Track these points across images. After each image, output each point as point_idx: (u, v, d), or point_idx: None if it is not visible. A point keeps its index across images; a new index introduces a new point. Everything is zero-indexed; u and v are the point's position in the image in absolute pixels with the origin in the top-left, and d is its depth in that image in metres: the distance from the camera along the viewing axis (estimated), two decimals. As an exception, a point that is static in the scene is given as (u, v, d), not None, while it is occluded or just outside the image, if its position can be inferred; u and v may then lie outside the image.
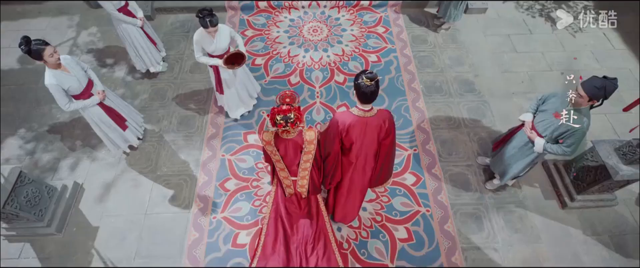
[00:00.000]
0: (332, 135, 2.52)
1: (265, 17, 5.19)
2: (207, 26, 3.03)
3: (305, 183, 2.82)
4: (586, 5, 5.48)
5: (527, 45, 4.96)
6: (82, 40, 5.02)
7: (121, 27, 3.90)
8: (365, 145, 2.54)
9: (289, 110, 2.29)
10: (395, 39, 4.97)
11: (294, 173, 2.76)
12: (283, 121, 2.28)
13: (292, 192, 2.95)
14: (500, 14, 5.35)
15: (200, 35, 3.21)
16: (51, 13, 5.37)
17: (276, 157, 2.62)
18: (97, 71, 4.63)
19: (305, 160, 2.62)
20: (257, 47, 4.86)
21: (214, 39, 3.23)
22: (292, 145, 2.52)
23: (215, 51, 3.30)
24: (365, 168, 2.70)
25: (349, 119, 2.40)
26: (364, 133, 2.45)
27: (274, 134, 2.51)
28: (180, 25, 5.18)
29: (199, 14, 3.00)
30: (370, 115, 2.38)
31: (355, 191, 2.90)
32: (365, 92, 2.21)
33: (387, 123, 2.45)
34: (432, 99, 4.34)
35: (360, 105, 2.35)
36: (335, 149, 2.58)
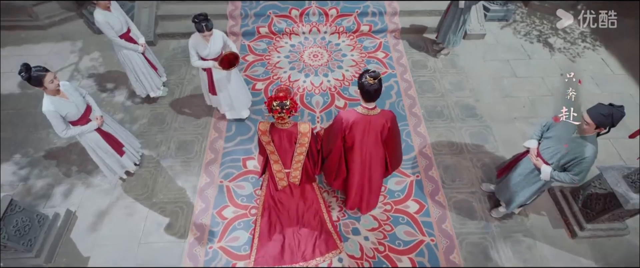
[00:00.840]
0: (335, 131, 2.60)
1: (266, 43, 5.25)
2: (203, 30, 3.18)
3: (298, 174, 2.94)
4: (583, 31, 5.55)
5: (527, 70, 4.98)
6: (83, 65, 5.05)
7: (122, 53, 3.92)
8: (369, 145, 2.61)
9: (285, 97, 2.43)
10: (395, 64, 5.00)
11: (288, 165, 2.86)
12: (279, 107, 2.41)
13: (286, 184, 3.03)
14: (498, 39, 5.42)
15: (195, 39, 3.37)
16: (55, 39, 5.44)
17: (271, 148, 2.72)
18: (97, 96, 4.62)
19: (299, 153, 2.73)
20: (257, 72, 4.88)
21: (208, 43, 3.40)
22: (287, 135, 2.63)
23: (209, 55, 3.46)
24: (371, 168, 2.78)
25: (353, 117, 2.50)
26: (366, 131, 2.53)
27: (270, 124, 2.63)
28: (181, 50, 5.22)
29: (195, 19, 3.14)
30: (374, 113, 2.49)
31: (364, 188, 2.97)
32: (369, 90, 2.32)
33: (389, 122, 2.54)
34: (434, 124, 4.30)
35: (364, 104, 2.47)
36: (338, 145, 2.65)
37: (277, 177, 2.96)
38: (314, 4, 5.37)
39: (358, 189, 3.01)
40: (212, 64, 3.48)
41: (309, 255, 3.02)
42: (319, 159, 2.93)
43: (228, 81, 3.72)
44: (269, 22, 5.29)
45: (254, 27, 5.26)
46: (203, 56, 3.48)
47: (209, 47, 3.42)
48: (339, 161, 2.77)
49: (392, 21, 5.34)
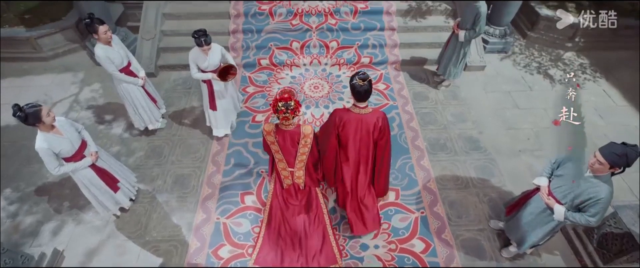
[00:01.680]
0: (330, 128, 2.73)
1: (266, 74, 5.26)
2: (202, 45, 3.41)
3: (302, 174, 3.05)
4: (582, 63, 5.58)
5: (529, 102, 4.95)
6: (83, 97, 5.02)
7: (122, 86, 3.89)
8: (361, 143, 2.74)
9: (289, 98, 2.55)
10: (397, 95, 4.98)
11: (291, 165, 2.96)
12: (284, 107, 2.53)
13: (290, 182, 3.12)
14: (498, 71, 5.43)
15: (195, 53, 3.58)
16: (57, 70, 5.46)
17: (275, 148, 2.83)
18: (94, 128, 4.56)
19: (301, 153, 2.84)
20: (257, 104, 4.84)
21: (207, 56, 3.59)
22: (290, 136, 2.75)
23: (208, 67, 3.65)
24: (364, 167, 2.89)
25: (346, 115, 2.66)
26: (359, 129, 2.67)
27: (274, 125, 2.76)
28: (182, 81, 5.22)
29: (194, 34, 3.37)
30: (365, 112, 2.65)
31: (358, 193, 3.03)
32: (360, 91, 2.51)
33: (381, 121, 2.69)
34: (437, 157, 4.20)
35: (357, 103, 2.64)
36: (332, 143, 2.77)
37: (282, 175, 3.07)
38: (315, 36, 5.43)
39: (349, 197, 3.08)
40: (211, 75, 3.66)
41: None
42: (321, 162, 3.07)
43: (227, 91, 3.96)
44: (270, 54, 5.33)
45: (255, 59, 5.29)
46: (202, 68, 3.68)
47: (207, 60, 3.61)
48: (335, 160, 2.89)
49: (393, 53, 5.37)
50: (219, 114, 4.05)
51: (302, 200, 3.23)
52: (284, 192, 3.21)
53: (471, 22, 4.24)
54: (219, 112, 4.02)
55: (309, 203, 3.23)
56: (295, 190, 3.19)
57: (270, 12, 5.49)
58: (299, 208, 3.22)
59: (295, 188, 3.17)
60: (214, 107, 3.98)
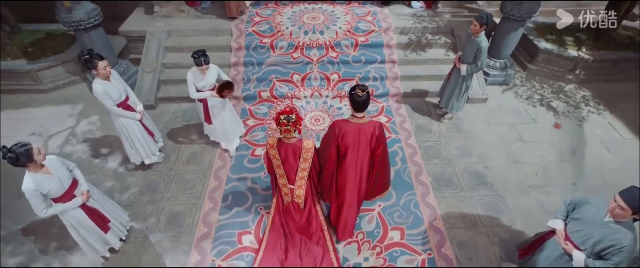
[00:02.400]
0: (330, 139, 2.85)
1: (267, 107, 5.20)
2: (202, 64, 3.61)
3: (302, 193, 3.08)
4: (584, 95, 5.56)
5: (533, 134, 4.86)
6: (80, 129, 4.94)
7: (119, 121, 3.81)
8: (360, 152, 2.86)
9: (291, 111, 2.65)
10: (399, 128, 4.90)
11: (292, 181, 3.00)
12: (286, 120, 2.62)
13: (290, 200, 3.16)
14: (500, 103, 5.39)
15: (193, 73, 3.76)
16: (55, 102, 5.41)
17: (277, 162, 2.89)
18: (89, 161, 4.43)
19: (302, 169, 2.90)
20: (257, 137, 4.75)
21: (204, 76, 3.78)
22: (292, 149, 2.81)
23: (205, 86, 3.82)
24: (361, 178, 3.00)
25: (345, 125, 2.80)
26: (358, 139, 2.80)
27: (277, 139, 2.83)
28: (181, 113, 5.16)
29: (194, 54, 3.58)
30: (363, 122, 2.80)
31: (352, 201, 3.12)
32: (358, 101, 2.67)
33: (377, 130, 2.83)
34: (443, 193, 4.05)
35: (355, 113, 2.78)
36: (332, 154, 2.88)
37: (283, 192, 3.13)
38: (316, 69, 5.44)
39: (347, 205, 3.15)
40: (209, 93, 3.83)
41: None
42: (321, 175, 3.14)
43: (223, 108, 4.09)
44: (271, 86, 5.31)
45: (256, 92, 5.26)
46: (199, 88, 3.82)
47: (205, 80, 3.79)
48: (334, 171, 3.00)
49: (394, 85, 5.36)
50: (217, 127, 4.19)
51: (303, 218, 3.28)
52: (285, 209, 3.27)
53: (472, 56, 4.24)
54: (216, 124, 4.17)
55: (309, 221, 3.30)
56: (294, 209, 3.23)
57: (271, 45, 5.53)
58: (299, 226, 3.30)
59: (294, 207, 3.21)
60: (209, 121, 4.16)
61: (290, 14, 6.11)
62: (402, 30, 5.75)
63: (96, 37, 5.02)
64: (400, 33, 5.76)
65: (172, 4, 5.82)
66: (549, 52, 5.65)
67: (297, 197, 3.10)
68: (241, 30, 5.68)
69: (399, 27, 5.74)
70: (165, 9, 5.86)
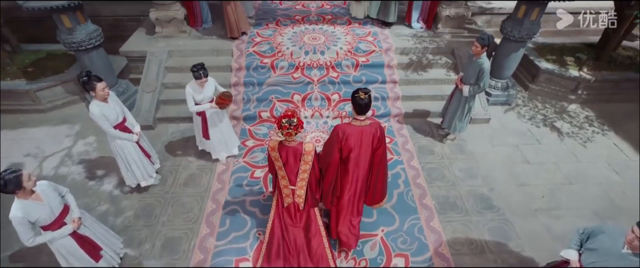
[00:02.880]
0: (333, 142, 2.92)
1: (267, 127, 5.13)
2: (201, 77, 3.69)
3: (303, 193, 3.12)
4: (588, 115, 5.50)
5: (538, 156, 4.76)
6: (76, 150, 4.85)
7: (115, 143, 3.73)
8: (361, 153, 2.95)
9: (292, 115, 2.72)
10: (401, 149, 4.81)
11: (293, 183, 3.05)
12: (287, 123, 2.68)
13: (291, 201, 3.19)
14: (503, 123, 5.32)
15: (192, 86, 3.82)
16: (53, 122, 5.35)
17: (278, 164, 2.96)
18: (84, 184, 4.33)
19: (303, 170, 2.96)
20: (257, 158, 4.65)
21: (203, 89, 3.84)
22: (293, 152, 2.88)
23: (203, 99, 3.88)
24: (361, 179, 3.09)
25: (348, 128, 2.90)
26: (360, 141, 2.89)
27: (278, 142, 2.89)
28: (180, 134, 5.08)
29: (193, 68, 3.65)
30: (365, 124, 2.89)
31: (352, 207, 3.22)
32: (361, 104, 2.76)
33: (378, 131, 2.94)
34: (448, 218, 3.92)
35: (357, 116, 2.87)
36: (335, 157, 2.94)
37: (283, 193, 3.16)
38: (316, 89, 5.40)
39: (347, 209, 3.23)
40: (208, 106, 3.90)
41: None
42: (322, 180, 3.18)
43: (220, 120, 4.17)
44: (271, 106, 5.26)
45: (256, 112, 5.21)
46: (197, 101, 3.88)
47: (203, 92, 3.86)
48: (335, 176, 3.05)
49: (395, 106, 5.31)
50: (214, 142, 4.24)
51: (301, 222, 3.30)
52: (285, 211, 3.28)
53: (475, 77, 4.20)
54: (213, 140, 4.21)
55: (308, 224, 3.31)
56: (294, 210, 3.26)
57: (271, 65, 5.52)
58: (298, 229, 3.30)
59: (295, 208, 3.25)
60: (207, 136, 4.19)
61: (291, 34, 6.14)
62: (402, 51, 5.75)
63: (96, 58, 5.00)
64: (401, 53, 5.76)
65: (173, 24, 5.84)
66: (550, 72, 5.63)
67: (298, 197, 3.15)
68: (242, 50, 5.68)
69: (400, 47, 5.74)
70: (166, 30, 5.89)
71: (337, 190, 3.14)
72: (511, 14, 5.09)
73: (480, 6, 7.12)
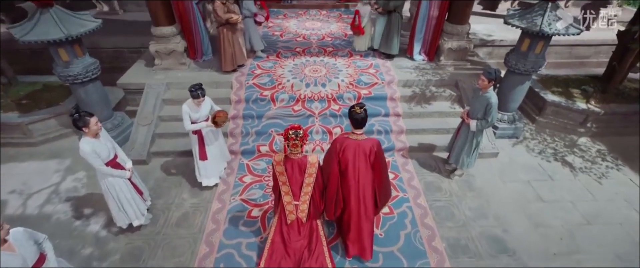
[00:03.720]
0: (332, 154, 3.05)
1: (266, 162, 4.92)
2: (199, 97, 3.77)
3: (306, 208, 3.16)
4: (600, 149, 5.30)
5: (552, 193, 4.51)
6: (64, 186, 4.60)
7: (106, 181, 3.50)
8: (359, 167, 3.03)
9: (299, 127, 2.86)
10: (407, 186, 4.56)
11: (297, 197, 3.11)
12: (294, 135, 2.80)
13: (294, 217, 3.23)
14: (512, 157, 5.11)
15: (189, 105, 3.87)
16: (43, 156, 5.14)
17: (283, 179, 3.02)
18: (69, 224, 4.05)
19: (307, 184, 3.02)
20: (254, 196, 4.40)
21: (199, 108, 3.90)
22: (298, 165, 2.96)
23: (199, 118, 3.94)
24: (364, 191, 3.15)
25: (345, 141, 3.03)
26: (357, 154, 2.99)
27: (284, 156, 2.99)
28: (175, 169, 4.86)
29: (191, 88, 3.73)
30: (361, 138, 3.03)
31: (359, 211, 3.22)
32: (357, 118, 2.93)
33: (375, 147, 3.04)
34: (460, 262, 3.61)
35: (354, 130, 3.03)
36: (335, 169, 3.05)
37: (287, 210, 3.17)
38: (317, 122, 5.24)
39: (356, 219, 3.26)
40: (205, 124, 3.95)
41: None
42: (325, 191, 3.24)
43: (215, 139, 4.22)
44: (270, 140, 5.08)
45: (254, 146, 5.01)
46: (193, 120, 3.92)
47: (200, 111, 3.91)
48: (337, 186, 3.14)
49: (399, 140, 5.12)
50: (209, 163, 4.23)
51: (304, 235, 3.31)
52: (287, 228, 3.28)
53: (482, 111, 4.05)
54: (210, 160, 4.21)
55: (310, 236, 3.33)
56: (298, 225, 3.27)
57: (272, 98, 5.40)
58: (301, 242, 3.30)
59: (298, 223, 3.26)
60: (204, 157, 4.17)
61: (291, 66, 6.08)
62: (405, 83, 5.66)
63: (92, 90, 4.88)
64: (404, 86, 5.66)
65: (173, 56, 5.80)
66: (557, 104, 5.50)
67: (301, 212, 3.18)
68: (241, 82, 5.59)
69: (402, 79, 5.65)
70: (165, 62, 5.83)
71: (340, 202, 3.22)
72: (515, 47, 5.03)
73: (481, 38, 7.14)
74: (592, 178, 4.77)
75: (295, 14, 8.91)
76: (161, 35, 5.60)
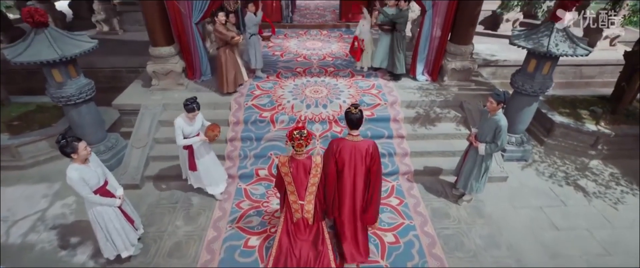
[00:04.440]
0: (329, 155, 3.10)
1: (264, 187, 4.69)
2: (194, 110, 3.79)
3: (311, 208, 3.19)
4: (613, 172, 5.09)
5: (567, 220, 4.27)
6: (52, 213, 4.37)
7: (95, 210, 3.28)
8: (355, 168, 3.09)
9: (303, 127, 2.91)
10: (412, 212, 4.32)
11: (302, 197, 3.13)
12: (299, 135, 2.84)
13: (300, 216, 3.24)
14: (522, 182, 4.89)
15: (183, 120, 3.85)
16: (32, 180, 4.92)
17: (288, 179, 3.05)
18: (54, 254, 3.80)
19: (312, 184, 3.06)
20: (252, 223, 4.15)
21: (192, 122, 3.90)
22: (303, 165, 2.99)
23: (192, 133, 3.93)
24: (356, 192, 3.21)
25: (341, 142, 3.08)
26: (353, 155, 3.03)
27: (288, 157, 3.02)
28: (169, 195, 4.62)
29: (187, 102, 3.75)
30: (357, 140, 3.05)
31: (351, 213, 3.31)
32: (353, 119, 2.96)
33: (371, 148, 3.05)
34: (474, 299, 3.34)
35: (350, 131, 3.06)
36: (332, 169, 3.08)
37: (292, 208, 3.20)
38: (318, 145, 5.06)
39: (350, 219, 3.33)
40: (198, 139, 3.96)
41: None
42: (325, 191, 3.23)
43: (206, 153, 4.17)
44: (269, 163, 4.87)
45: (253, 169, 4.80)
46: (186, 134, 3.90)
47: (193, 125, 3.91)
48: (335, 186, 3.17)
49: (404, 163, 4.92)
50: (201, 172, 4.19)
51: (310, 236, 3.32)
52: (293, 226, 3.29)
53: (491, 135, 3.87)
54: (201, 170, 4.17)
55: (316, 238, 3.33)
56: (304, 225, 3.28)
57: (271, 119, 5.24)
58: (307, 243, 3.30)
59: (304, 223, 3.28)
60: (194, 167, 4.14)
61: (292, 87, 5.95)
62: (408, 104, 5.51)
63: (86, 112, 4.71)
64: (407, 106, 5.51)
65: (170, 77, 5.68)
66: (565, 126, 5.33)
67: (306, 212, 3.20)
68: (240, 103, 5.44)
69: (406, 100, 5.51)
70: (163, 82, 5.71)
71: (336, 201, 3.26)
72: (521, 68, 4.90)
73: (484, 58, 7.06)
74: (607, 204, 4.53)
75: (295, 33, 8.89)
76: (159, 55, 5.49)
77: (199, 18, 5.53)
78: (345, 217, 3.33)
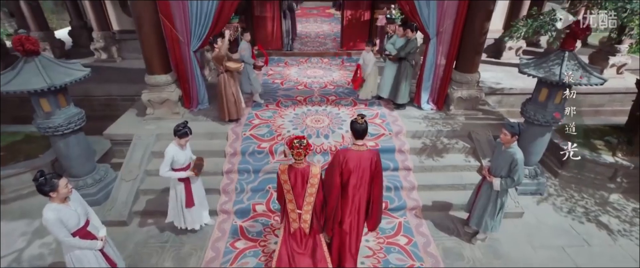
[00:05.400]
0: (334, 166, 3.04)
1: (262, 224, 4.34)
2: (186, 135, 3.62)
3: (308, 218, 3.17)
4: (635, 207, 4.75)
5: (593, 262, 3.90)
6: (29, 253, 4.01)
7: (73, 254, 2.96)
8: (361, 176, 3.04)
9: (303, 136, 2.96)
10: (423, 253, 3.96)
11: (300, 206, 3.13)
12: (298, 144, 2.88)
13: (297, 226, 3.22)
14: (539, 218, 4.55)
15: (175, 148, 3.65)
16: (11, 216, 4.58)
17: (287, 187, 3.06)
18: (25, 303, 3.39)
19: (309, 193, 3.06)
20: (247, 265, 3.78)
21: (185, 149, 3.73)
22: (301, 174, 3.00)
23: (185, 162, 3.75)
24: (360, 203, 3.17)
25: (347, 153, 3.04)
26: (359, 165, 3.01)
27: (288, 165, 3.02)
28: (158, 232, 4.28)
29: (178, 127, 3.57)
30: (363, 149, 3.04)
31: (351, 227, 3.23)
32: (358, 129, 2.96)
33: (375, 157, 3.06)
34: None
35: (355, 141, 3.02)
36: (337, 180, 3.04)
37: (290, 218, 3.20)
38: (319, 177, 4.75)
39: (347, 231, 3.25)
40: (185, 174, 3.75)
41: None
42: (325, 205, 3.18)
43: (194, 182, 3.96)
44: (268, 198, 4.55)
45: (250, 204, 4.47)
46: (180, 164, 3.70)
47: (184, 153, 3.73)
48: (338, 200, 3.10)
49: (411, 197, 4.60)
50: (195, 208, 3.99)
51: (308, 248, 3.31)
52: (291, 238, 3.27)
53: (506, 169, 3.59)
54: (198, 204, 4.00)
55: (313, 250, 3.32)
56: (301, 236, 3.27)
57: (270, 150, 4.97)
58: (305, 257, 3.29)
59: (301, 234, 3.26)
60: (191, 203, 3.91)
61: (292, 116, 5.73)
62: (414, 134, 5.26)
63: (74, 143, 4.45)
64: (413, 137, 5.26)
65: (166, 105, 5.47)
66: (581, 157, 5.05)
67: (304, 222, 3.19)
68: (238, 133, 5.19)
69: (411, 130, 5.27)
70: (158, 111, 5.49)
71: (337, 215, 3.18)
72: (532, 97, 4.70)
73: (490, 86, 6.90)
74: (634, 243, 4.17)
75: (296, 61, 8.80)
76: (155, 83, 5.31)
77: (198, 46, 5.40)
78: (345, 233, 3.26)
